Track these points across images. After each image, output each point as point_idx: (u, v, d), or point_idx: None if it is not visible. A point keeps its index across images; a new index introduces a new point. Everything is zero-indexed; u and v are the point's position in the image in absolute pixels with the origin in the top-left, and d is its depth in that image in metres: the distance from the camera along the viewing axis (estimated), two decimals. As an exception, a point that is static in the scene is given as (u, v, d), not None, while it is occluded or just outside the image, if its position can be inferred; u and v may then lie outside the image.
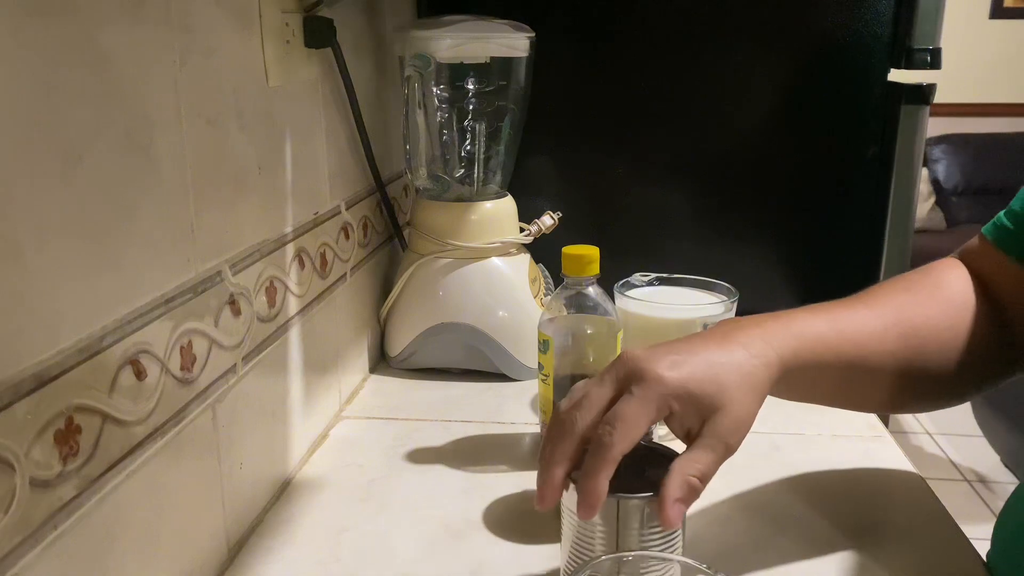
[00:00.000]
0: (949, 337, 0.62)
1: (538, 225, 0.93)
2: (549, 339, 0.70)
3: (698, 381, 0.48)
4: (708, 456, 0.48)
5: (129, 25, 0.46)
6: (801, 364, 0.55)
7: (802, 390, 0.59)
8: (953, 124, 3.77)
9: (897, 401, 0.64)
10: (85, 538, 0.43)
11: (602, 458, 0.46)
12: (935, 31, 1.01)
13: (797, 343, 0.55)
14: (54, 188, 0.40)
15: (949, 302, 0.63)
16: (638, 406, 0.47)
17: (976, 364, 0.63)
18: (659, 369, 0.48)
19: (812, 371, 0.56)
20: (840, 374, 0.58)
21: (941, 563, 0.60)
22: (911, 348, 0.60)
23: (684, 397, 0.48)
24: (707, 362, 0.50)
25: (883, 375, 0.60)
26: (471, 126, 0.91)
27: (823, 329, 0.57)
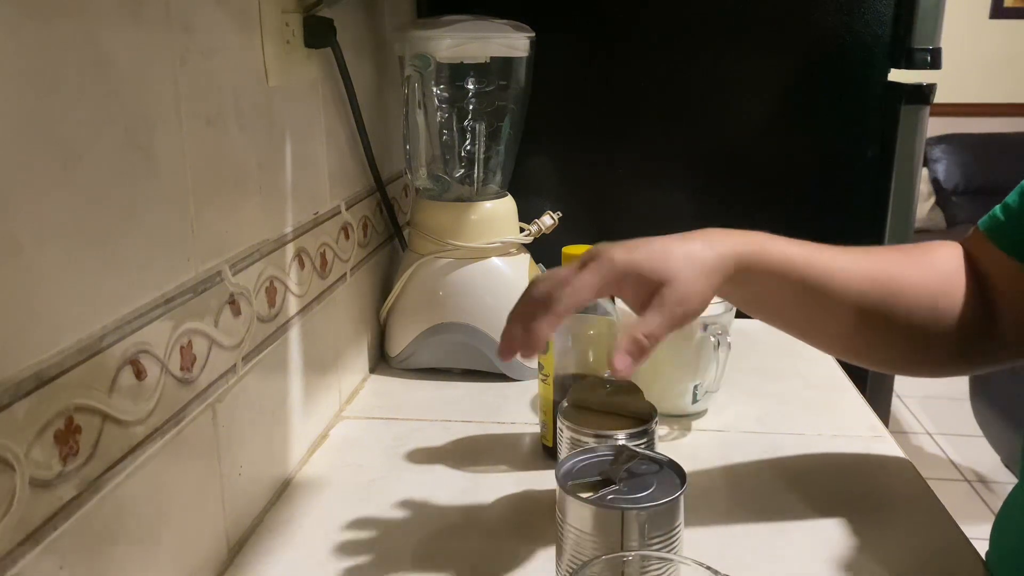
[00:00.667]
0: (925, 297, 0.63)
1: (538, 225, 0.93)
2: (549, 339, 0.70)
3: (647, 260, 0.56)
4: (656, 319, 0.55)
5: (129, 25, 0.46)
6: (758, 267, 0.59)
7: (758, 300, 0.63)
8: (953, 124, 3.77)
9: (860, 345, 0.66)
10: (85, 538, 0.43)
11: (548, 310, 0.55)
12: (935, 31, 1.01)
13: (759, 249, 0.60)
14: (54, 188, 0.40)
15: (933, 268, 0.64)
16: (587, 276, 0.55)
17: (952, 337, 0.63)
18: (612, 252, 0.56)
19: (769, 281, 0.60)
20: (800, 295, 0.61)
21: (941, 563, 0.60)
22: (883, 294, 0.62)
23: (633, 274, 0.55)
24: (661, 246, 0.57)
25: (846, 310, 0.62)
26: (471, 126, 0.91)
27: (792, 251, 0.61)
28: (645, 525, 0.47)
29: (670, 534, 0.48)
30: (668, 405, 0.81)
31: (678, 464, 0.51)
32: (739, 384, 0.87)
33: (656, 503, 0.48)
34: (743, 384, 0.88)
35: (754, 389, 0.88)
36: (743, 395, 0.86)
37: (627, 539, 0.47)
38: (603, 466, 0.52)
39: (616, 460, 0.52)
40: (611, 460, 0.52)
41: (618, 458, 0.52)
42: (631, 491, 0.49)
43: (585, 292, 0.55)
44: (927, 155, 3.75)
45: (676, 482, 0.50)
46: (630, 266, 0.56)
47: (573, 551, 0.49)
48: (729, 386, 0.81)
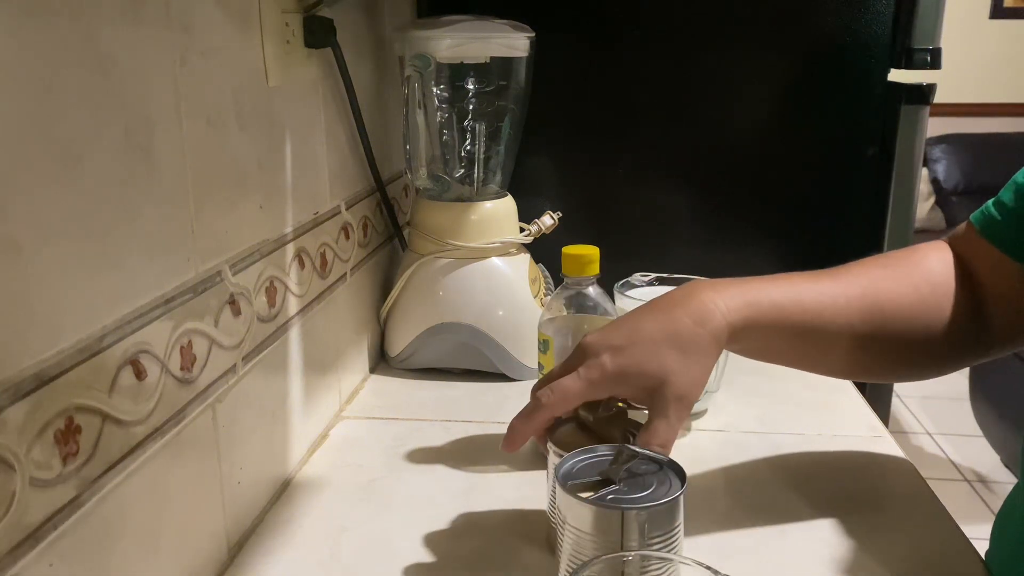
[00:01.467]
0: (919, 312, 0.63)
1: (538, 225, 0.93)
2: (549, 339, 0.70)
3: (637, 364, 0.56)
4: (662, 424, 0.55)
5: (129, 25, 0.46)
6: (752, 329, 0.59)
7: (756, 352, 0.64)
8: (953, 124, 3.77)
9: (858, 369, 0.67)
10: (85, 538, 0.43)
11: (535, 410, 0.58)
12: (935, 31, 1.01)
13: (749, 311, 0.59)
14: (54, 188, 0.40)
15: (924, 280, 0.65)
16: (575, 383, 0.57)
17: (948, 343, 0.64)
18: (601, 357, 0.56)
19: (764, 336, 0.61)
20: (794, 340, 0.62)
21: (941, 563, 0.60)
22: (874, 321, 0.62)
23: (623, 380, 0.56)
24: (650, 343, 0.57)
25: (841, 344, 0.63)
26: (471, 126, 0.91)
27: (779, 297, 0.61)
28: (645, 525, 0.47)
29: (670, 534, 0.48)
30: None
31: (678, 464, 0.51)
32: (739, 384, 0.87)
33: (656, 503, 0.48)
34: (743, 384, 0.88)
35: (754, 389, 0.88)
36: (743, 395, 0.86)
37: (627, 539, 0.47)
38: (603, 466, 0.52)
39: (616, 460, 0.52)
40: (611, 460, 0.52)
41: (618, 458, 0.52)
42: (631, 491, 0.49)
43: (573, 401, 0.57)
44: (927, 155, 3.75)
45: (676, 482, 0.50)
46: (621, 374, 0.56)
47: (573, 551, 0.49)
48: (729, 386, 0.81)
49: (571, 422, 0.60)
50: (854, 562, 0.59)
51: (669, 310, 0.58)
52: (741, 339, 0.60)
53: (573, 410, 0.60)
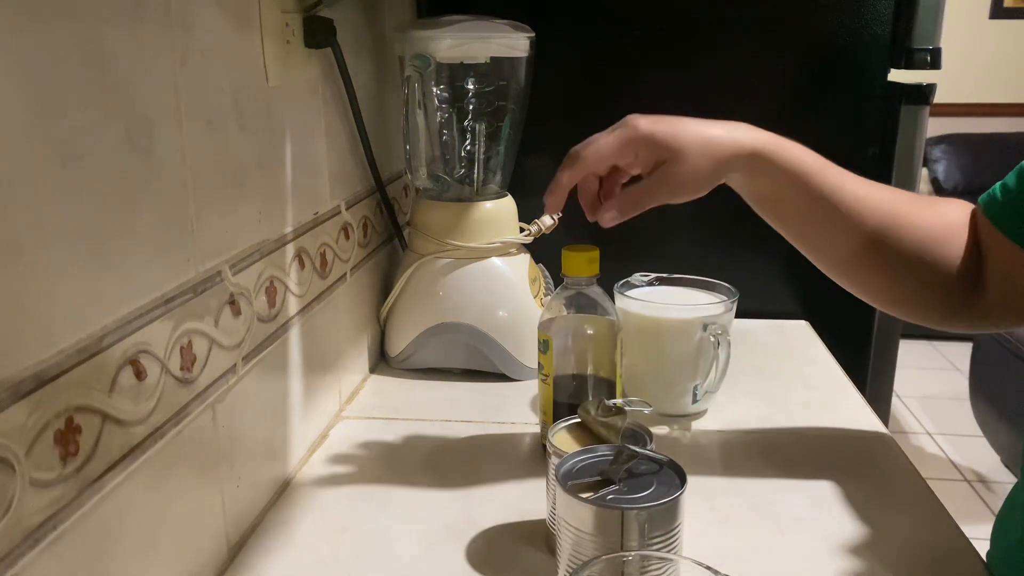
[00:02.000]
0: (924, 237, 0.65)
1: (538, 225, 0.92)
2: (549, 339, 0.69)
3: (663, 134, 0.63)
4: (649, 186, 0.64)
5: (129, 25, 0.46)
6: (771, 164, 0.64)
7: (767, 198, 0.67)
8: (953, 124, 3.77)
9: (852, 267, 0.68)
10: (85, 538, 0.43)
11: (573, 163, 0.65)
12: (935, 31, 1.01)
13: (777, 149, 0.64)
14: (54, 188, 0.40)
15: (940, 217, 0.67)
16: (610, 138, 0.64)
17: (944, 287, 0.66)
18: (638, 121, 0.64)
19: (778, 179, 0.64)
20: (805, 201, 0.65)
21: (941, 563, 0.60)
22: (883, 222, 0.65)
23: (648, 143, 0.63)
24: (683, 125, 0.63)
25: (846, 231, 0.65)
26: (471, 126, 0.91)
27: (808, 159, 0.65)
28: (645, 525, 0.47)
29: (670, 534, 0.48)
30: (668, 405, 0.81)
31: (678, 464, 0.51)
32: (739, 384, 0.87)
33: (656, 503, 0.48)
34: (743, 384, 0.88)
35: (754, 389, 0.88)
36: (743, 395, 0.86)
37: (627, 539, 0.47)
38: (603, 466, 0.52)
39: (616, 460, 0.52)
40: (611, 460, 0.52)
41: (618, 458, 0.52)
42: (631, 491, 0.49)
43: (605, 149, 0.64)
44: (927, 155, 3.75)
45: (676, 482, 0.50)
46: (648, 135, 0.63)
47: (573, 551, 0.49)
48: (729, 386, 0.81)
49: (571, 422, 0.60)
50: (854, 562, 0.59)
51: (710, 121, 0.65)
52: (757, 170, 0.64)
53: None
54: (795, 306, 1.10)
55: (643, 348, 0.79)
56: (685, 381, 0.80)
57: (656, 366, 0.80)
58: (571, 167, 0.65)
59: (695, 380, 0.79)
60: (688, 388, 0.80)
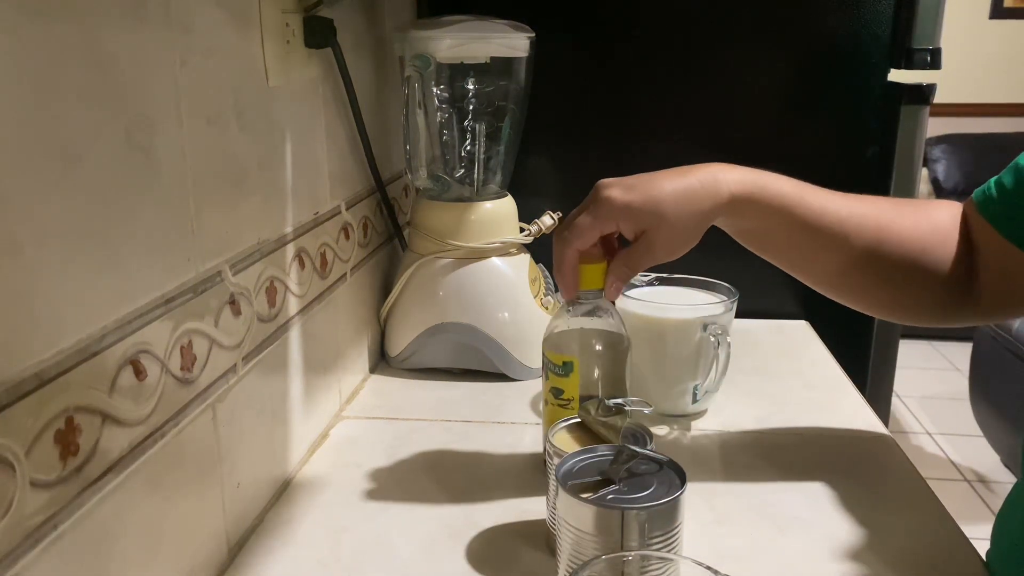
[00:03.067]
0: (913, 246, 0.66)
1: (538, 225, 0.93)
2: (573, 360, 0.65)
3: (640, 203, 0.62)
4: (636, 254, 0.63)
5: (129, 25, 0.46)
6: (752, 205, 0.64)
7: (753, 236, 0.68)
8: (953, 124, 3.77)
9: (844, 283, 0.69)
10: (85, 538, 0.43)
11: (563, 250, 0.63)
12: (935, 31, 1.01)
13: (754, 188, 0.64)
14: (54, 188, 0.40)
15: (927, 221, 0.67)
16: (588, 219, 0.63)
17: (938, 289, 0.66)
18: (611, 193, 0.62)
19: (762, 216, 0.65)
20: (790, 231, 0.66)
21: (941, 563, 0.60)
22: (870, 240, 0.65)
23: (626, 214, 0.62)
24: (656, 187, 0.63)
25: (834, 250, 0.66)
26: (471, 126, 0.91)
27: (786, 188, 0.65)
28: (645, 525, 0.47)
29: (670, 534, 0.48)
30: (668, 405, 0.81)
31: (678, 464, 0.51)
32: (739, 384, 0.87)
33: (656, 503, 0.48)
34: (743, 384, 0.88)
35: (754, 389, 0.88)
36: (743, 395, 0.86)
37: (627, 539, 0.47)
38: (603, 466, 0.52)
39: (616, 460, 0.52)
40: (611, 460, 0.52)
41: (618, 458, 0.52)
42: (631, 491, 0.49)
43: (586, 230, 0.63)
44: (927, 155, 3.75)
45: (676, 482, 0.50)
46: (624, 207, 0.62)
47: (573, 551, 0.49)
48: (729, 386, 0.81)
49: (571, 422, 0.60)
50: (854, 562, 0.59)
51: (682, 172, 0.64)
52: (740, 213, 0.64)
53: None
54: (795, 306, 1.10)
55: (643, 348, 0.79)
56: (685, 381, 0.80)
57: (656, 366, 0.80)
58: (562, 249, 0.64)
59: (695, 380, 0.79)
60: (688, 388, 0.80)
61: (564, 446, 0.57)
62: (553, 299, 0.95)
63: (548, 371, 0.66)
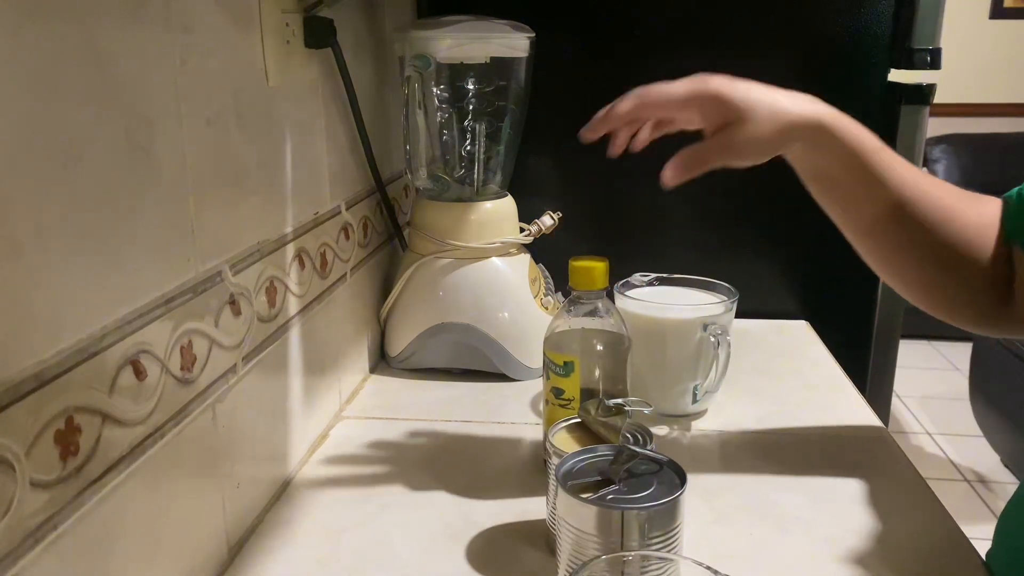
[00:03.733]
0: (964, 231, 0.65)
1: (538, 225, 0.93)
2: (574, 360, 0.65)
3: (733, 95, 0.63)
4: (713, 146, 0.63)
5: (129, 25, 0.46)
6: (830, 137, 0.64)
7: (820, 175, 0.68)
8: (953, 124, 3.77)
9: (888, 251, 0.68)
10: (85, 538, 0.43)
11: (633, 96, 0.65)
12: (935, 31, 1.01)
13: (838, 125, 0.64)
14: (54, 188, 0.40)
15: (978, 212, 0.66)
16: (680, 86, 0.64)
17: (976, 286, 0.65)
18: (710, 77, 0.64)
19: (836, 151, 0.65)
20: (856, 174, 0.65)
21: (941, 563, 0.60)
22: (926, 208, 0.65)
23: (717, 101, 0.63)
24: (752, 89, 0.64)
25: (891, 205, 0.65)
26: (471, 126, 0.91)
27: (867, 139, 0.65)
28: (645, 525, 0.47)
29: (670, 534, 0.48)
30: (668, 405, 0.81)
31: (678, 464, 0.51)
32: (739, 384, 0.87)
33: (656, 503, 0.48)
34: (743, 384, 0.88)
35: (754, 389, 0.88)
36: (743, 395, 0.86)
37: (627, 539, 0.47)
38: (603, 466, 0.52)
39: (616, 460, 0.52)
40: (611, 460, 0.52)
41: (618, 458, 0.52)
42: (631, 491, 0.49)
43: (673, 95, 0.64)
44: (927, 155, 3.75)
45: (676, 482, 0.50)
46: (717, 93, 0.63)
47: (573, 551, 0.49)
48: (729, 386, 0.82)
49: (571, 422, 0.60)
50: (854, 562, 0.59)
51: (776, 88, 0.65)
52: (816, 142, 0.64)
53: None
54: (795, 306, 1.10)
55: (643, 348, 0.79)
56: (685, 381, 0.80)
57: (656, 366, 0.80)
58: (632, 101, 0.65)
59: (695, 380, 0.79)
60: (688, 388, 0.80)
61: (564, 446, 0.57)
62: (553, 299, 0.95)
63: (549, 371, 0.66)
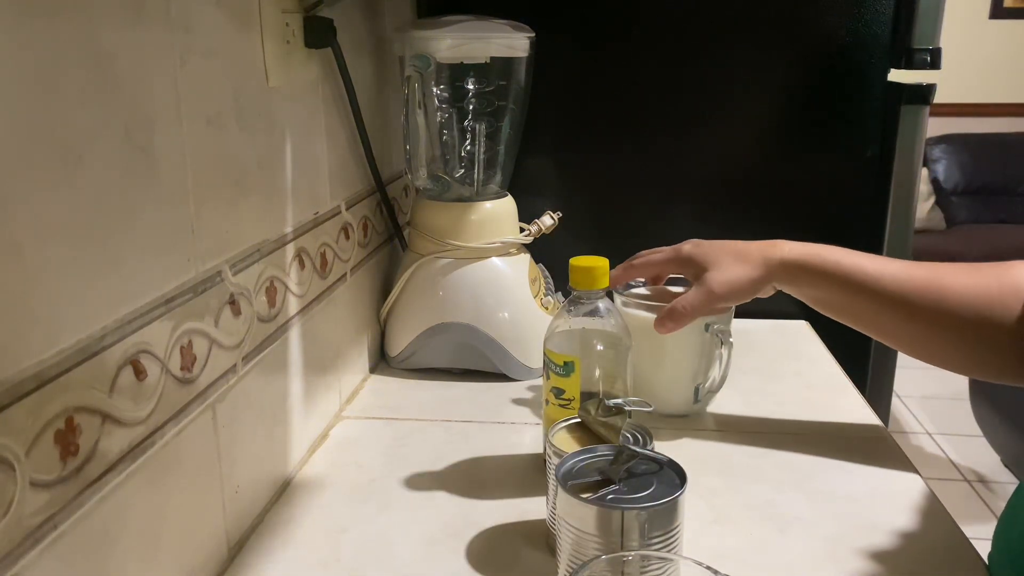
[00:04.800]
0: (974, 304, 0.66)
1: (538, 225, 0.93)
2: (575, 360, 0.65)
3: (702, 254, 0.74)
4: (694, 296, 0.73)
5: (129, 25, 0.46)
6: (806, 272, 0.71)
7: (816, 300, 0.74)
8: (953, 124, 3.78)
9: (911, 340, 0.72)
10: (85, 538, 0.43)
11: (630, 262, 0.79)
12: (935, 31, 1.01)
13: (808, 257, 0.71)
14: (54, 188, 0.40)
15: (996, 280, 0.67)
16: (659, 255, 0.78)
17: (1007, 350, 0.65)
18: (685, 243, 0.76)
19: (817, 282, 0.71)
20: (848, 295, 0.71)
21: (941, 563, 0.60)
22: (931, 299, 0.67)
23: (688, 259, 0.75)
24: (719, 246, 0.75)
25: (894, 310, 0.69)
26: (471, 126, 0.91)
27: (842, 257, 0.71)
28: (645, 525, 0.47)
29: (670, 534, 0.48)
30: (669, 406, 0.81)
31: (678, 464, 0.51)
32: (739, 384, 0.87)
33: (656, 503, 0.48)
34: (743, 384, 0.88)
35: (754, 389, 0.88)
36: (743, 395, 0.86)
37: (627, 539, 0.47)
38: (603, 466, 0.52)
39: (616, 460, 0.52)
40: (611, 460, 0.52)
41: (618, 458, 0.52)
42: (631, 491, 0.49)
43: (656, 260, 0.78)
44: (927, 155, 3.76)
45: (676, 482, 0.50)
46: (688, 257, 0.75)
47: (573, 551, 0.49)
48: (729, 386, 0.81)
49: (571, 422, 0.60)
50: (854, 562, 0.59)
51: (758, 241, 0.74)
52: (795, 279, 0.72)
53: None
54: (795, 306, 1.10)
55: (645, 349, 0.78)
56: (687, 382, 0.80)
57: (657, 367, 0.79)
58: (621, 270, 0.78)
59: (697, 381, 0.79)
60: (690, 388, 0.80)
61: (564, 446, 0.57)
62: (553, 299, 0.95)
63: (549, 371, 0.66)
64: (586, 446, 0.55)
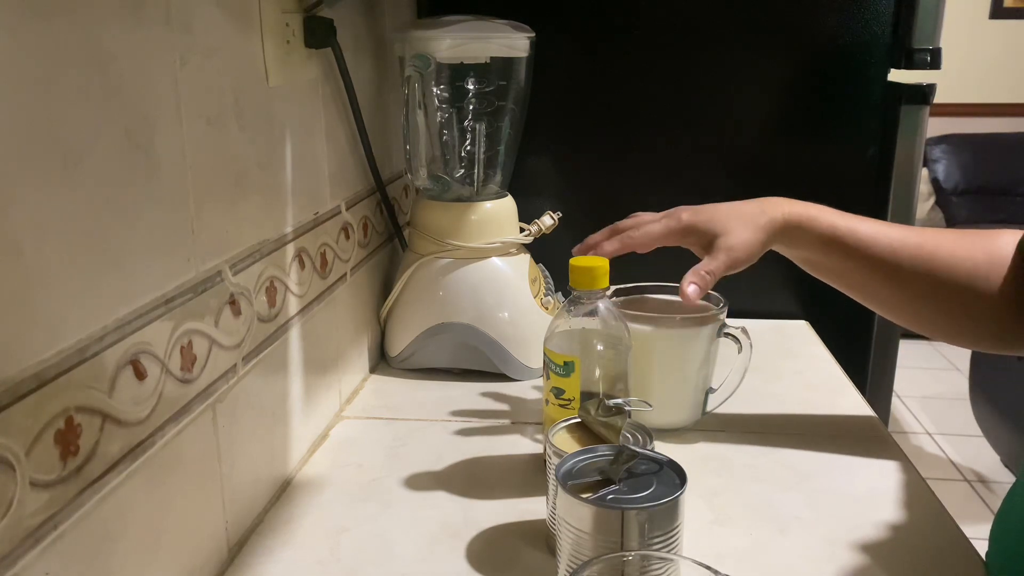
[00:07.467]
0: (965, 271, 0.67)
1: (538, 225, 0.93)
2: (575, 360, 0.65)
3: (704, 222, 0.72)
4: (712, 261, 0.71)
5: (129, 25, 0.46)
6: (802, 232, 0.71)
7: (810, 260, 0.74)
8: (953, 124, 3.77)
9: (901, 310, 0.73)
10: (85, 538, 0.43)
11: (618, 240, 0.74)
12: (935, 31, 1.01)
13: (806, 219, 0.71)
14: (54, 188, 0.40)
15: (983, 248, 0.68)
16: (659, 226, 0.74)
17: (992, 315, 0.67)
18: (680, 212, 0.74)
19: (812, 244, 0.72)
20: (840, 257, 0.71)
21: (941, 563, 0.60)
22: (922, 265, 0.68)
23: (692, 231, 0.73)
24: (720, 210, 0.73)
25: (884, 275, 0.70)
26: (471, 126, 0.91)
27: (837, 220, 0.71)
28: (645, 525, 0.47)
29: (670, 534, 0.48)
30: (679, 417, 0.79)
31: (678, 464, 0.51)
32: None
33: (656, 503, 0.48)
34: (743, 384, 0.87)
35: (754, 389, 0.87)
36: (743, 395, 0.86)
37: (627, 539, 0.47)
38: (603, 466, 0.52)
39: (616, 460, 0.52)
40: (611, 460, 0.52)
41: (618, 458, 0.52)
42: (631, 491, 0.49)
43: (649, 235, 0.73)
44: (927, 155, 3.75)
45: (676, 482, 0.50)
46: (691, 225, 0.73)
47: (573, 551, 0.49)
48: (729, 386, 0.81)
49: (571, 422, 0.60)
50: (854, 562, 0.59)
51: (747, 200, 0.74)
52: (792, 239, 0.72)
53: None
54: (795, 306, 1.10)
55: (651, 357, 0.76)
56: (694, 393, 0.78)
57: (665, 376, 0.77)
58: (616, 243, 0.73)
59: (706, 388, 0.78)
60: (700, 399, 0.79)
61: (564, 446, 0.57)
62: (553, 299, 0.95)
63: (549, 371, 0.66)
64: (586, 446, 0.55)
